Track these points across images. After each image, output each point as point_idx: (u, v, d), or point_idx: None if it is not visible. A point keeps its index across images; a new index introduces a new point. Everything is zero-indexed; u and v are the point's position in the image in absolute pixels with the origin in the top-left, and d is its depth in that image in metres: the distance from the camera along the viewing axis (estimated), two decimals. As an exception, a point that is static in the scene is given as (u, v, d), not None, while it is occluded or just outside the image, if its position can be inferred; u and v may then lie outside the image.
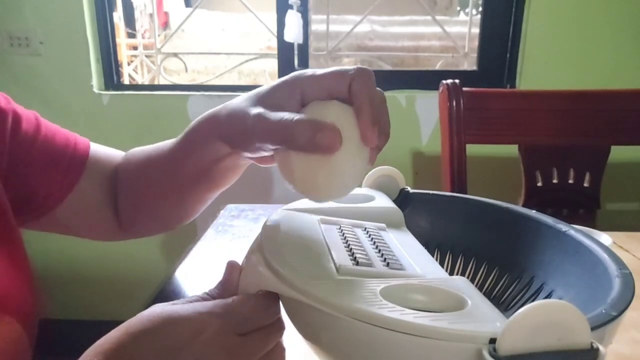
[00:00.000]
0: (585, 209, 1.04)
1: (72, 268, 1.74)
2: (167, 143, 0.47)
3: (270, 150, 0.36)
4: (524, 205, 1.07)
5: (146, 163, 0.49)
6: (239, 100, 0.38)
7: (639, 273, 0.62)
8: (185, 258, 0.66)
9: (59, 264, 1.74)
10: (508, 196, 0.84)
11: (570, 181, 1.05)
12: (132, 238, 0.55)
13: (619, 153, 1.05)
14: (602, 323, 0.25)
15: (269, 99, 0.36)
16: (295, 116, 0.33)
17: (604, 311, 0.26)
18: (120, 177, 0.51)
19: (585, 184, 1.04)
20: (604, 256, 0.32)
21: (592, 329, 0.23)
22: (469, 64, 1.68)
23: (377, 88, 0.35)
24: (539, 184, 1.05)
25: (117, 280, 1.73)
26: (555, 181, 1.05)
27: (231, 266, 0.35)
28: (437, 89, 1.05)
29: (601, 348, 0.23)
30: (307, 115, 0.34)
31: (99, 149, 0.53)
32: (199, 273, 0.62)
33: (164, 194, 0.47)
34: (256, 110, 0.35)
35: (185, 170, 0.44)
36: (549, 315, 0.22)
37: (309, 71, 0.36)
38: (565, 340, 0.22)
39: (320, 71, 0.36)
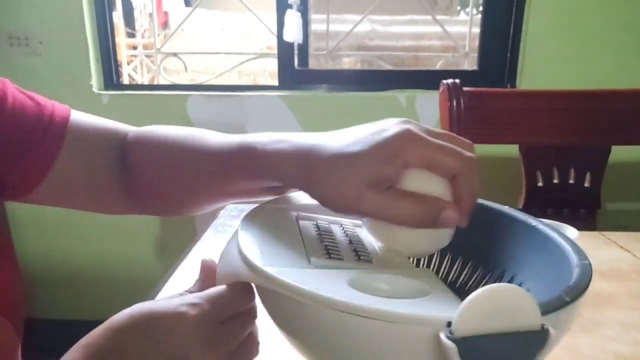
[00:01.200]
0: (586, 208, 1.03)
1: (72, 268, 1.74)
2: (209, 142, 0.42)
3: None
4: (524, 206, 1.07)
5: (176, 156, 0.45)
6: (331, 163, 0.33)
7: (639, 273, 0.62)
8: (185, 258, 0.66)
9: (59, 264, 1.74)
10: (508, 196, 0.84)
11: (571, 181, 1.05)
12: (142, 214, 0.52)
13: (620, 153, 1.04)
14: (555, 308, 0.26)
15: (371, 170, 0.32)
16: (417, 204, 0.32)
17: (558, 297, 0.27)
18: (135, 159, 0.47)
19: (586, 184, 1.04)
20: (567, 248, 0.33)
21: (545, 313, 0.25)
22: (470, 64, 1.68)
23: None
24: (540, 184, 1.05)
25: (117, 280, 1.73)
26: (555, 181, 1.05)
27: (206, 264, 0.36)
28: (437, 88, 1.05)
29: (551, 330, 0.24)
30: (414, 187, 0.33)
31: (84, 118, 0.48)
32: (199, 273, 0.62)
33: (191, 193, 0.45)
34: (366, 196, 0.32)
35: (227, 186, 0.42)
36: (500, 299, 0.23)
37: (416, 136, 0.32)
38: (517, 322, 0.24)
39: (431, 144, 0.32)
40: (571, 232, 0.36)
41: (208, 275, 0.36)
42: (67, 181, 0.47)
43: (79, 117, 0.48)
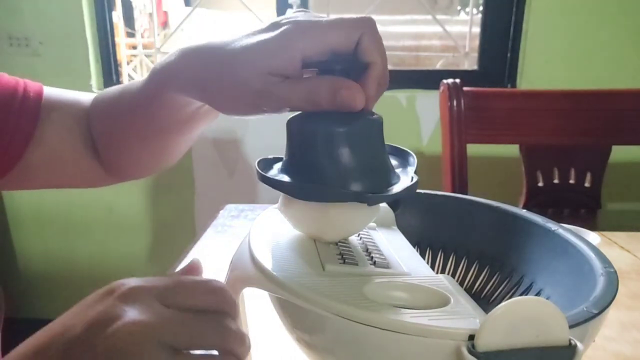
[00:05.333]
0: (586, 208, 1.03)
1: (72, 268, 1.74)
2: (135, 84, 0.43)
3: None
4: (525, 206, 1.07)
5: (116, 106, 0.45)
6: (222, 63, 0.33)
7: (639, 273, 0.62)
8: (184, 258, 0.66)
9: (59, 264, 1.74)
10: (509, 196, 0.84)
11: (571, 181, 1.05)
12: (121, 182, 0.52)
13: (620, 153, 1.04)
14: (582, 321, 0.25)
15: (268, 67, 0.31)
16: (313, 78, 0.31)
17: (585, 309, 0.26)
18: (93, 122, 0.48)
19: (586, 184, 1.04)
20: (590, 254, 0.32)
21: (572, 326, 0.23)
22: (470, 64, 1.67)
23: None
24: (540, 184, 1.05)
25: (116, 280, 1.73)
26: (556, 181, 1.05)
27: (193, 265, 0.32)
28: (437, 88, 1.05)
29: (579, 345, 0.23)
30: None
31: (55, 92, 0.49)
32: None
33: (140, 138, 0.44)
34: (261, 82, 0.31)
35: (154, 117, 0.41)
36: (526, 312, 0.22)
37: (306, 24, 0.32)
38: (543, 337, 0.22)
39: (322, 24, 0.32)
40: (593, 238, 0.36)
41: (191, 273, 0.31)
42: (47, 154, 0.47)
43: (52, 92, 0.49)
